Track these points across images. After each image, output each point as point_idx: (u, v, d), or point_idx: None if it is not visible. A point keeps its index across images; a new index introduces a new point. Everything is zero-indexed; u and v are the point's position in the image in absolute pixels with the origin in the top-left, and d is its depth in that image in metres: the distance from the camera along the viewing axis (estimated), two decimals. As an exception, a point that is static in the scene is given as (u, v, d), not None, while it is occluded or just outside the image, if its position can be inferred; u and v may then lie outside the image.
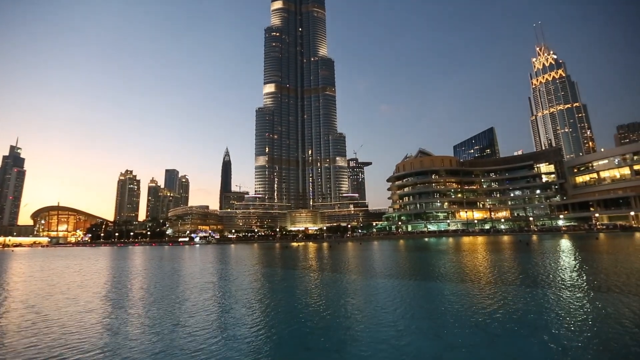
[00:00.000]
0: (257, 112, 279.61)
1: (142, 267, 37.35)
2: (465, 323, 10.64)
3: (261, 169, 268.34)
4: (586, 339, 8.79)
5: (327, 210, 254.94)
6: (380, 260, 35.81)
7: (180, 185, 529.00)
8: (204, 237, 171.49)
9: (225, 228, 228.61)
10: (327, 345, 9.28)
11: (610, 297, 13.29)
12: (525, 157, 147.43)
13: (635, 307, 11.55)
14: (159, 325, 11.83)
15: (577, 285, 16.46)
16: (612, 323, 9.94)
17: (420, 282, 19.76)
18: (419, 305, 13.61)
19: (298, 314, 12.80)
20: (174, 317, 12.91)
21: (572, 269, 22.22)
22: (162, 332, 10.87)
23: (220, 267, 33.95)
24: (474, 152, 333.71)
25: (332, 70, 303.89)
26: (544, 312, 11.45)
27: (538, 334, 9.34)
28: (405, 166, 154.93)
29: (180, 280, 24.33)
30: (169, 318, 12.83)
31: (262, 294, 18.04)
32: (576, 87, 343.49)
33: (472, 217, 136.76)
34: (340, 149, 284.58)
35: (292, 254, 52.68)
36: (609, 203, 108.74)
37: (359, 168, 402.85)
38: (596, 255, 30.83)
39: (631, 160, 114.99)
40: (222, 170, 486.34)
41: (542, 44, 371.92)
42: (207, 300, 16.14)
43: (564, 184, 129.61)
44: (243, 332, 10.69)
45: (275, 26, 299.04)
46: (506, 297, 14.31)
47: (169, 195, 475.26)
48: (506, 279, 19.13)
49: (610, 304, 12.27)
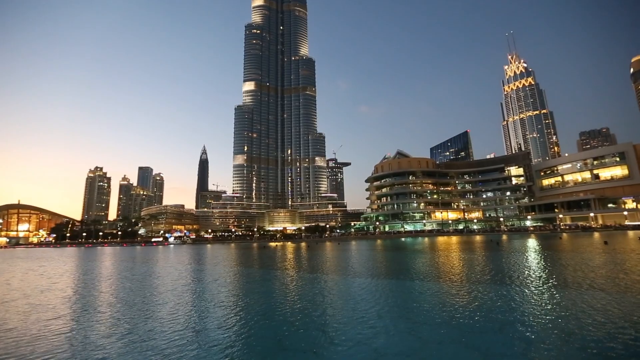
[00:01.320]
0: (236, 110, 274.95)
1: (112, 269, 35.77)
2: (438, 320, 10.93)
3: (239, 168, 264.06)
4: (549, 332, 9.26)
5: (305, 210, 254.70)
6: (357, 260, 36.17)
7: (155, 183, 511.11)
8: (178, 237, 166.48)
9: (202, 228, 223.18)
10: (304, 346, 9.24)
11: (571, 293, 14.09)
12: (497, 160, 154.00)
13: (593, 302, 12.30)
14: (130, 330, 11.36)
15: (541, 282, 17.33)
16: (573, 316, 10.53)
17: (396, 281, 20.13)
18: (394, 304, 13.84)
19: (275, 315, 12.68)
20: (147, 322, 12.45)
21: (537, 267, 23.39)
22: (134, 338, 10.45)
23: (196, 268, 33.09)
24: (449, 154, 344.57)
25: (313, 70, 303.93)
26: (512, 308, 11.97)
27: (506, 329, 9.75)
28: (383, 167, 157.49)
29: (153, 283, 23.50)
30: (141, 323, 12.35)
31: (238, 295, 17.75)
32: (544, 94, 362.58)
33: (447, 217, 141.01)
34: (319, 149, 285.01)
35: (269, 254, 52.20)
36: (572, 205, 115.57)
37: (338, 168, 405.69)
38: (560, 253, 32.61)
39: (591, 165, 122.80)
40: (199, 169, 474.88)
41: (514, 53, 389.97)
42: (181, 303, 15.67)
43: (532, 186, 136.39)
44: (218, 335, 10.46)
45: (255, 23, 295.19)
46: (477, 294, 14.84)
47: (142, 193, 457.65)
48: (477, 277, 19.86)
49: (571, 299, 13.01)
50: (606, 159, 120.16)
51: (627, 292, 13.94)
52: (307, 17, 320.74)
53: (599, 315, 10.65)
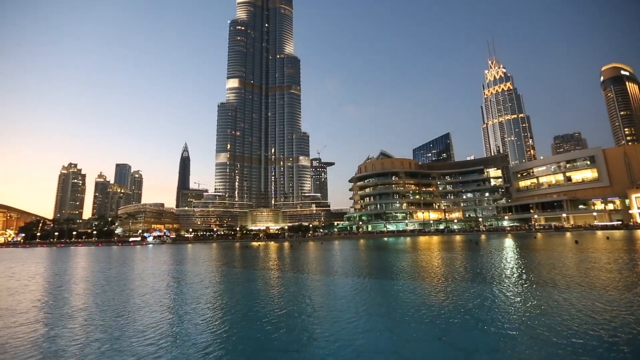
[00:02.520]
0: (219, 107, 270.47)
1: (86, 270, 34.40)
2: (419, 318, 11.07)
3: (222, 166, 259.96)
4: (524, 328, 9.55)
5: (289, 209, 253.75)
6: (340, 259, 36.29)
7: (133, 181, 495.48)
8: (158, 237, 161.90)
9: (182, 227, 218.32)
10: (286, 346, 9.13)
11: (544, 290, 14.61)
12: (476, 162, 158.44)
13: (564, 298, 12.80)
14: (106, 334, 10.92)
15: (517, 280, 17.90)
16: (545, 312, 10.91)
17: (378, 280, 20.28)
18: (376, 303, 13.93)
19: (257, 315, 12.48)
20: (123, 324, 12.00)
21: (513, 266, 24.16)
22: (110, 342, 10.05)
23: (175, 269, 32.26)
24: (431, 155, 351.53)
25: (298, 69, 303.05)
26: (489, 306, 12.28)
27: (483, 326, 9.97)
28: (367, 167, 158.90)
29: (130, 284, 22.74)
30: (117, 325, 11.90)
31: (219, 296, 17.40)
32: (521, 99, 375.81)
33: (429, 217, 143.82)
34: (303, 148, 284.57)
35: (252, 253, 51.61)
36: (546, 206, 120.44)
37: (322, 168, 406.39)
38: (534, 253, 33.86)
39: (564, 167, 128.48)
40: (180, 167, 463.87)
41: (494, 58, 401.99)
42: (159, 305, 15.20)
43: (509, 187, 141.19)
44: (198, 337, 10.19)
45: (240, 20, 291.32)
46: (456, 293, 15.15)
47: (119, 191, 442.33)
48: (456, 276, 20.30)
49: (543, 296, 13.49)
50: (578, 163, 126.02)
51: (595, 289, 14.57)
52: (293, 15, 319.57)
53: (570, 310, 11.07)
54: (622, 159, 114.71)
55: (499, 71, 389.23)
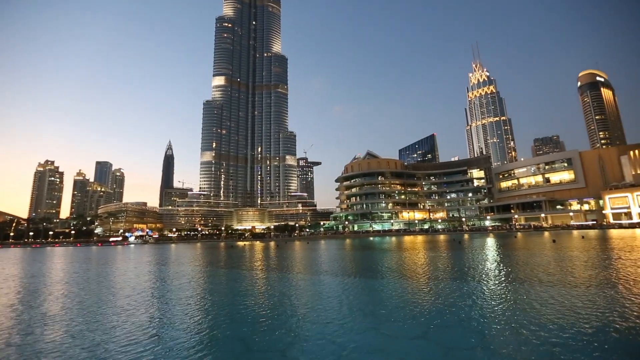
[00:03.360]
0: (204, 105, 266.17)
1: (64, 271, 33.20)
2: (404, 316, 11.20)
3: (207, 165, 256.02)
4: (504, 325, 9.81)
5: (275, 209, 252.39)
6: (325, 259, 36.34)
7: (114, 179, 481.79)
8: (140, 237, 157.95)
9: (166, 227, 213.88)
10: (271, 346, 9.06)
11: (523, 288, 15.06)
12: (460, 163, 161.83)
13: (542, 295, 13.24)
14: (86, 337, 10.57)
15: (498, 278, 18.38)
16: (524, 309, 11.25)
17: (363, 279, 20.41)
18: (361, 302, 14.02)
19: (242, 316, 12.34)
20: (104, 327, 11.64)
21: (494, 265, 24.80)
22: (91, 345, 9.73)
23: (157, 269, 31.54)
24: (417, 156, 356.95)
25: (286, 68, 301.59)
26: (471, 304, 12.56)
27: (465, 323, 10.18)
28: (353, 167, 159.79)
29: (111, 285, 22.09)
30: (98, 328, 11.53)
31: (203, 296, 17.12)
32: (503, 102, 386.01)
33: (414, 217, 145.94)
34: (290, 147, 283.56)
35: (237, 253, 51.05)
36: (526, 206, 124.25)
37: (309, 167, 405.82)
38: (514, 251, 34.85)
39: (543, 169, 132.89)
40: (164, 165, 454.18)
41: (478, 62, 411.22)
42: (140, 306, 14.82)
43: (492, 188, 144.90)
44: (181, 338, 9.98)
45: (227, 16, 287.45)
46: (439, 291, 15.44)
47: (99, 190, 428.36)
48: (440, 274, 20.67)
49: (523, 293, 13.91)
50: (556, 165, 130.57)
51: (572, 286, 15.12)
52: (281, 13, 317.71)
53: (547, 307, 11.47)
54: (597, 161, 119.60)
55: (483, 75, 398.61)
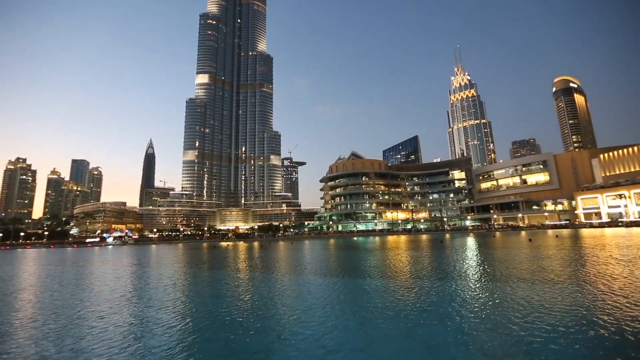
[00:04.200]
0: (187, 103, 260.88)
1: (36, 274, 31.77)
2: (386, 316, 11.35)
3: (190, 164, 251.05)
4: (483, 321, 10.12)
5: (259, 209, 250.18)
6: (310, 259, 36.35)
7: (91, 178, 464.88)
8: (118, 237, 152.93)
9: (146, 227, 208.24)
10: (255, 347, 9.00)
11: (501, 285, 15.55)
12: (442, 164, 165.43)
13: (519, 292, 13.72)
14: (60, 344, 10.14)
15: (477, 276, 18.91)
16: (502, 306, 11.62)
17: (347, 279, 20.55)
18: (345, 302, 14.11)
19: (224, 317, 12.19)
20: (78, 333, 11.22)
21: (474, 263, 25.50)
22: (64, 351, 9.34)
23: (137, 270, 30.68)
24: (400, 157, 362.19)
25: (271, 67, 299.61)
26: (452, 302, 12.87)
27: (447, 321, 10.43)
28: (338, 167, 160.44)
29: (87, 288, 21.34)
30: (71, 334, 11.10)
31: (184, 298, 16.77)
32: (484, 106, 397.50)
33: (397, 217, 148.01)
34: (275, 147, 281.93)
35: (220, 254, 50.31)
36: (504, 206, 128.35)
37: (293, 167, 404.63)
38: (493, 250, 35.96)
39: (521, 171, 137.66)
40: (145, 164, 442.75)
41: (460, 65, 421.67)
42: (120, 309, 14.39)
43: (472, 189, 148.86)
44: (161, 341, 9.75)
45: (212, 13, 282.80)
46: (422, 290, 15.73)
47: (75, 189, 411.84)
48: (422, 273, 21.07)
49: (501, 290, 14.37)
50: (532, 166, 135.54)
51: (547, 283, 15.74)
52: (266, 12, 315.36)
53: (524, 304, 11.87)
54: (570, 164, 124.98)
55: (464, 78, 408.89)
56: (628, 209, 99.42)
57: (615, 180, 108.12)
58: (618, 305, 11.20)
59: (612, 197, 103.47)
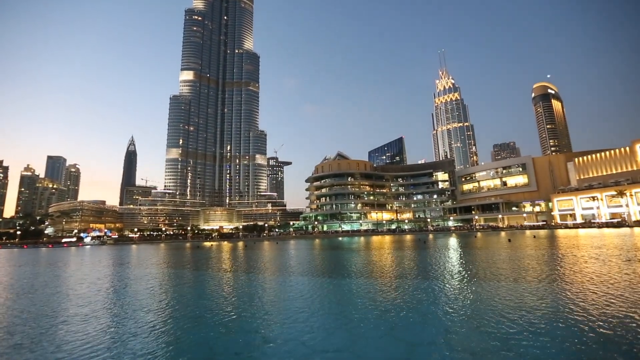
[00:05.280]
0: (171, 100, 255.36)
1: (7, 275, 30.37)
2: (370, 315, 11.45)
3: (173, 162, 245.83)
4: (464, 320, 10.35)
5: (244, 208, 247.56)
6: (294, 259, 36.25)
7: (69, 175, 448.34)
8: (97, 237, 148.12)
9: (127, 226, 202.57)
10: (238, 349, 8.90)
11: (481, 284, 15.95)
12: (426, 166, 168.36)
13: (498, 291, 14.12)
14: (32, 349, 9.69)
15: (459, 276, 19.32)
16: (482, 305, 11.92)
17: (331, 279, 20.59)
18: (329, 302, 14.14)
19: (207, 319, 11.99)
20: (52, 336, 10.78)
21: (456, 263, 26.06)
22: (41, 353, 8.93)
23: (116, 271, 29.78)
24: (386, 158, 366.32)
25: (257, 66, 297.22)
26: (434, 301, 13.11)
27: (429, 320, 10.63)
28: (323, 168, 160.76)
29: (62, 290, 20.55)
30: (45, 338, 10.65)
31: (166, 300, 16.38)
32: (467, 109, 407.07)
33: (382, 218, 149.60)
34: (260, 146, 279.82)
35: (203, 254, 49.47)
36: (485, 208, 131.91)
37: (279, 167, 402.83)
38: (474, 250, 36.85)
39: (501, 173, 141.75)
40: (125, 161, 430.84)
41: (444, 69, 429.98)
42: (98, 311, 13.93)
43: (455, 190, 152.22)
44: (142, 343, 9.50)
45: (197, 9, 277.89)
46: (405, 289, 15.95)
47: (51, 187, 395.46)
48: (405, 273, 21.36)
49: (481, 289, 14.73)
50: (512, 169, 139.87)
51: (525, 282, 16.26)
52: (253, 10, 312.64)
53: (503, 301, 12.23)
54: (547, 167, 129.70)
55: (449, 82, 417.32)
56: (600, 210, 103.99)
57: (589, 183, 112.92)
58: (593, 302, 11.69)
59: (586, 199, 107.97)
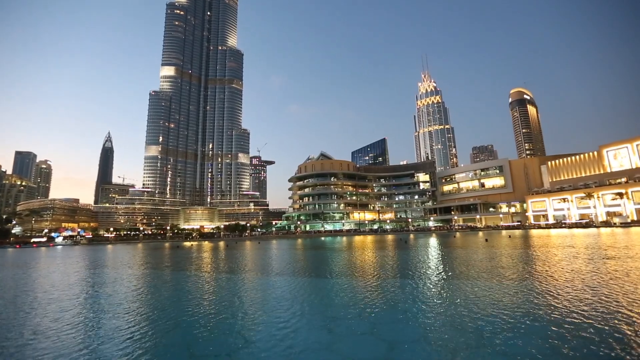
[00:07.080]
0: (151, 96, 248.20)
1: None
2: (351, 315, 11.52)
3: (152, 160, 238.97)
4: (443, 317, 10.59)
5: (225, 208, 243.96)
6: (276, 259, 36.04)
7: (39, 172, 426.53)
8: (69, 237, 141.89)
9: (102, 226, 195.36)
10: (217, 350, 8.74)
11: (460, 283, 16.39)
12: (408, 167, 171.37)
13: (476, 289, 14.54)
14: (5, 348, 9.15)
15: (438, 274, 19.77)
16: (461, 302, 12.24)
17: (313, 279, 20.61)
18: (311, 301, 14.12)
19: (186, 320, 11.71)
20: (22, 339, 10.21)
21: (436, 262, 26.65)
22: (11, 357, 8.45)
23: (89, 272, 28.63)
24: (368, 158, 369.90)
25: (241, 63, 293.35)
26: (414, 299, 13.34)
27: (409, 319, 10.80)
28: (307, 167, 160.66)
29: (30, 293, 19.55)
30: (15, 339, 10.08)
31: (144, 301, 15.90)
32: (448, 112, 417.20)
33: (364, 218, 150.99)
34: (243, 145, 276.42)
35: (183, 254, 48.36)
36: (464, 208, 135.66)
37: (262, 166, 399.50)
38: (453, 250, 37.79)
39: (479, 175, 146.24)
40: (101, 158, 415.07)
41: (426, 72, 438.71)
42: (70, 315, 13.31)
43: (435, 191, 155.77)
44: (118, 348, 9.15)
45: (179, 4, 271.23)
46: (386, 288, 16.15)
47: (19, 184, 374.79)
48: (387, 272, 21.66)
49: (459, 287, 15.14)
50: (489, 171, 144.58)
51: (501, 279, 16.83)
52: (237, 6, 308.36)
53: (481, 299, 12.60)
54: (523, 169, 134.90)
55: (430, 85, 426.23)
56: (570, 211, 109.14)
57: (560, 186, 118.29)
58: (565, 298, 12.24)
59: (558, 200, 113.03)
